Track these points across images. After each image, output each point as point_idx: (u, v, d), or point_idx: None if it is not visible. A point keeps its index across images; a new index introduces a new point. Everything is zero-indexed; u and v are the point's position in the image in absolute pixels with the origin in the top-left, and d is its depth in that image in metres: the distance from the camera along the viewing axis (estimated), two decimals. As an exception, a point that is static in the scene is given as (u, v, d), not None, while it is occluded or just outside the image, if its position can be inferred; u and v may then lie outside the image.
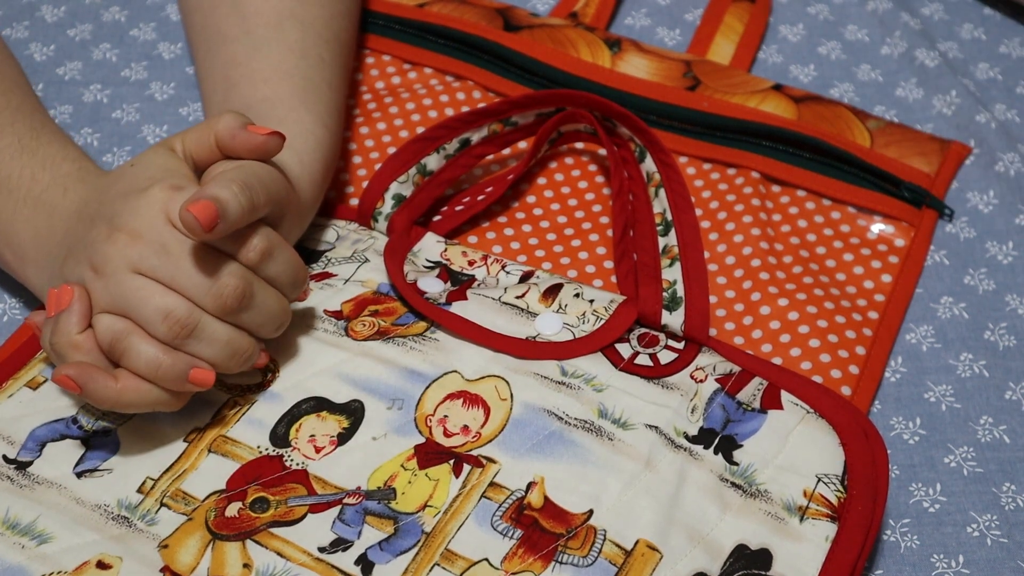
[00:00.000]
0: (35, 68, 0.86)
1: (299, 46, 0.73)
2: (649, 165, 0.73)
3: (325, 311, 0.68)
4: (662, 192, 0.72)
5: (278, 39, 0.73)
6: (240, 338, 0.62)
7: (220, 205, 0.58)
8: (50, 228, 0.65)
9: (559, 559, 0.59)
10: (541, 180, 0.79)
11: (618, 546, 0.59)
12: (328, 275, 0.71)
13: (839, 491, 0.62)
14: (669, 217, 0.71)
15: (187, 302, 0.60)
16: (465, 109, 0.82)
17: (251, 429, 0.64)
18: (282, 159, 0.67)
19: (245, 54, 0.72)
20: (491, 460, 0.62)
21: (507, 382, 0.65)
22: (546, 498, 0.61)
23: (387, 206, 0.73)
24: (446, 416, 0.64)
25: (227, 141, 0.63)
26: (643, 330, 0.68)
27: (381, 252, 0.71)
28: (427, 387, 0.65)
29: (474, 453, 0.63)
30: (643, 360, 0.66)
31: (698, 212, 0.77)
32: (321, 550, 0.59)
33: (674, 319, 0.67)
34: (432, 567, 0.59)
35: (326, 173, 0.71)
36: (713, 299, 0.73)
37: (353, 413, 0.64)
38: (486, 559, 0.59)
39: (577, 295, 0.69)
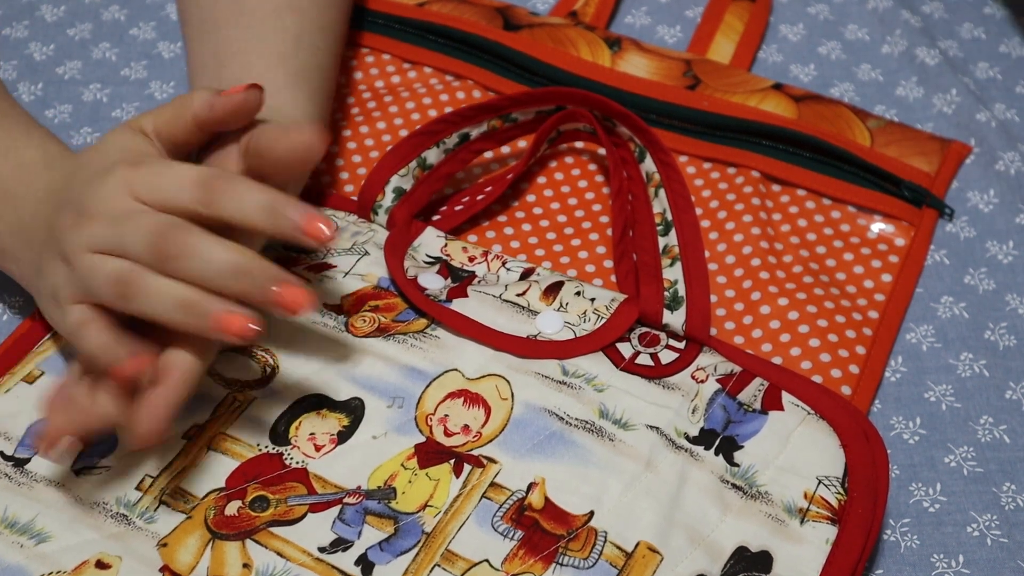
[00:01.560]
0: (35, 68, 0.86)
1: (294, 32, 0.73)
2: (649, 165, 0.73)
3: (324, 305, 0.68)
4: (662, 192, 0.72)
5: (274, 25, 0.73)
6: (189, 292, 0.58)
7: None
8: (18, 220, 0.64)
9: (560, 561, 0.59)
10: (541, 179, 0.79)
11: (619, 548, 0.59)
12: (327, 266, 0.70)
13: (840, 493, 0.62)
14: (669, 217, 0.71)
15: (127, 262, 0.58)
16: (465, 107, 0.82)
17: (251, 426, 0.64)
18: (292, 114, 0.68)
19: (239, 37, 0.72)
20: (492, 460, 0.62)
21: (508, 381, 0.65)
22: (547, 499, 0.61)
23: (387, 199, 0.73)
24: (447, 415, 0.64)
25: (207, 113, 0.62)
26: (644, 329, 0.68)
27: (381, 245, 0.71)
28: (427, 385, 0.65)
29: (475, 453, 0.62)
30: (644, 360, 0.66)
31: (698, 211, 0.77)
32: (321, 550, 0.59)
33: (675, 319, 0.67)
34: (432, 568, 0.59)
35: None
36: (713, 299, 0.73)
37: (353, 411, 0.64)
38: (487, 560, 0.59)
39: (578, 293, 0.69)
